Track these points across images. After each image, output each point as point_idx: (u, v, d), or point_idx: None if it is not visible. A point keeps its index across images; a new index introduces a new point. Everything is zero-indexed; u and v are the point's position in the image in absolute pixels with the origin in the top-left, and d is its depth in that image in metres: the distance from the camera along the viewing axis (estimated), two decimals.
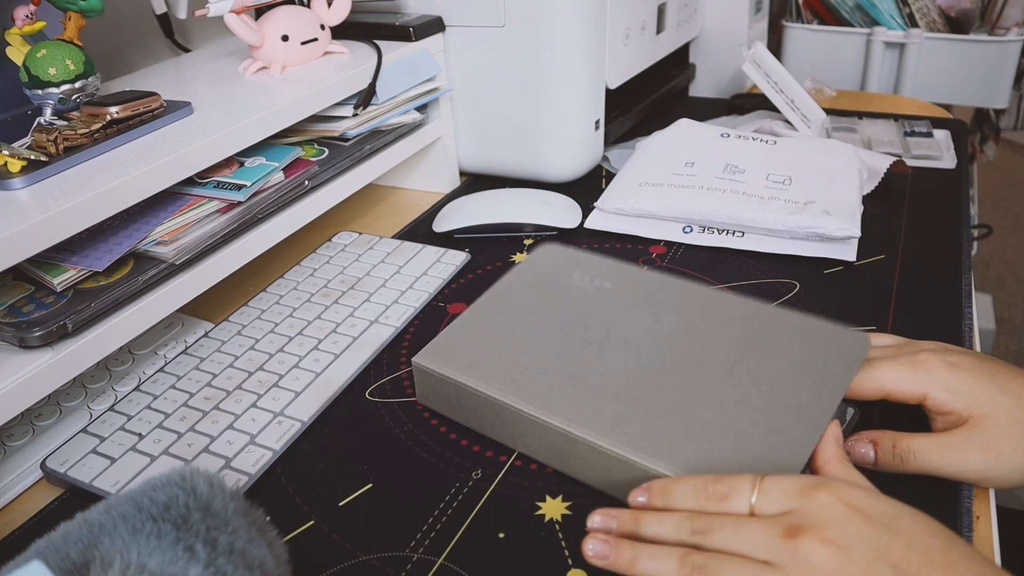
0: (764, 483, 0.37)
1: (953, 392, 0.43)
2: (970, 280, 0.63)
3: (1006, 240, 2.26)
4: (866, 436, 0.44)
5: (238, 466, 0.48)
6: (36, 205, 0.46)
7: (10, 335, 0.46)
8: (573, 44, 0.75)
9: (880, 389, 0.45)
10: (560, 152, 0.80)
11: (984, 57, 1.18)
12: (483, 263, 0.70)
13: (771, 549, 0.34)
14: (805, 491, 0.36)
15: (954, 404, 0.43)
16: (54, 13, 0.55)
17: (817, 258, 0.66)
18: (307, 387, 0.54)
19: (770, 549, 0.34)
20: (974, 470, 0.41)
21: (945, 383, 0.43)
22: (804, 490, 0.36)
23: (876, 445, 0.44)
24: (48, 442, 0.51)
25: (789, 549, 0.34)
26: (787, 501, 0.36)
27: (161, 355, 0.59)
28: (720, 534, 0.36)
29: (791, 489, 0.36)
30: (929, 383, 0.43)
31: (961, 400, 0.42)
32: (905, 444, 0.43)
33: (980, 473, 0.41)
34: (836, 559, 0.33)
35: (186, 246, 0.55)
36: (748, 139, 0.77)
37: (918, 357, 0.45)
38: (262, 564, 0.34)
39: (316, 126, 0.70)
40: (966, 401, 0.42)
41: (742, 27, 1.03)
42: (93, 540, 0.33)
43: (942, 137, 0.89)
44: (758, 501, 0.36)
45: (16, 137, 0.54)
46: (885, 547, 0.33)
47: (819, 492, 0.35)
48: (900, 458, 0.43)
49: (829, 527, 0.34)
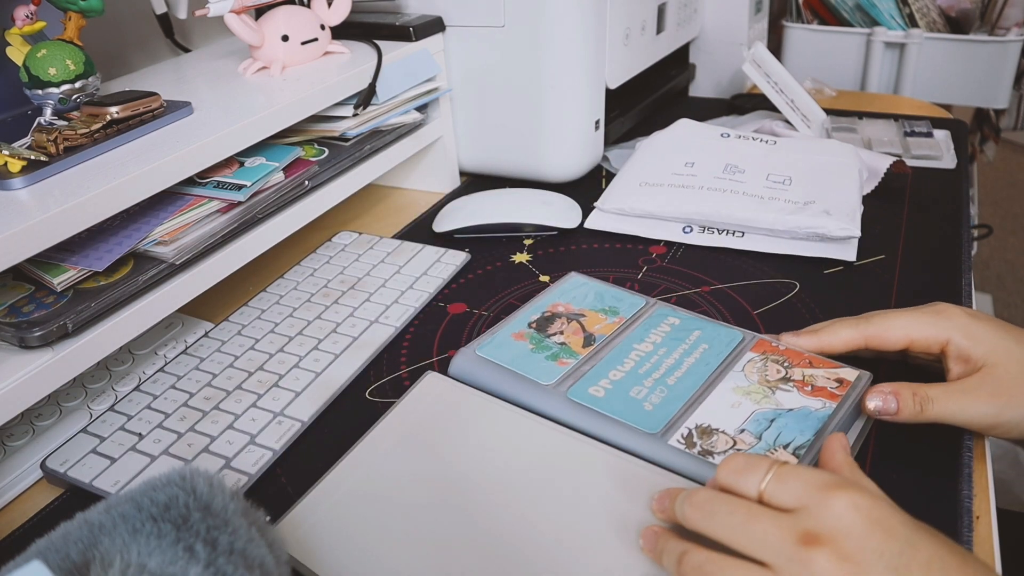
0: (781, 469, 0.35)
1: (973, 339, 0.45)
2: (970, 280, 0.63)
3: (1006, 240, 2.26)
4: (886, 388, 0.45)
5: (238, 466, 0.48)
6: (36, 205, 0.46)
7: (10, 335, 0.46)
8: (573, 44, 0.75)
9: (906, 337, 0.46)
10: (560, 152, 0.80)
11: (984, 57, 1.18)
12: (483, 263, 0.70)
13: (780, 552, 0.32)
14: (824, 489, 0.33)
15: (973, 350, 0.45)
16: (54, 13, 0.55)
17: (817, 258, 0.66)
18: (307, 387, 0.54)
19: (779, 552, 0.33)
20: (984, 415, 0.43)
21: (966, 329, 0.45)
22: (823, 488, 0.34)
23: (898, 396, 0.44)
24: (48, 442, 0.51)
25: (801, 558, 0.32)
26: (802, 495, 0.34)
27: (161, 355, 0.59)
28: (727, 520, 0.34)
29: (809, 483, 0.34)
30: (951, 329, 0.45)
31: (980, 347, 0.44)
32: (923, 392, 0.44)
33: (991, 418, 0.43)
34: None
35: (186, 246, 0.55)
36: (748, 139, 0.77)
37: (937, 307, 0.47)
38: (262, 564, 0.34)
39: (316, 126, 0.70)
40: (984, 348, 0.44)
41: (742, 27, 1.03)
42: (93, 540, 0.33)
43: (942, 137, 0.89)
44: (769, 486, 0.35)
45: (16, 137, 0.54)
46: (905, 566, 0.31)
47: (839, 494, 0.33)
48: (920, 406, 0.44)
49: (847, 539, 0.32)
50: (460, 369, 0.53)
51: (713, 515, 0.35)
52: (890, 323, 0.47)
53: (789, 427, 0.45)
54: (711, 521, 0.35)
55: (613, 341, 0.54)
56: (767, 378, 0.49)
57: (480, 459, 0.46)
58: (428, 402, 0.51)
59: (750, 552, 0.34)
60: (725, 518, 0.35)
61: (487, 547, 0.41)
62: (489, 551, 0.41)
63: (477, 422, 0.49)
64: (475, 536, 0.41)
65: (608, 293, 0.59)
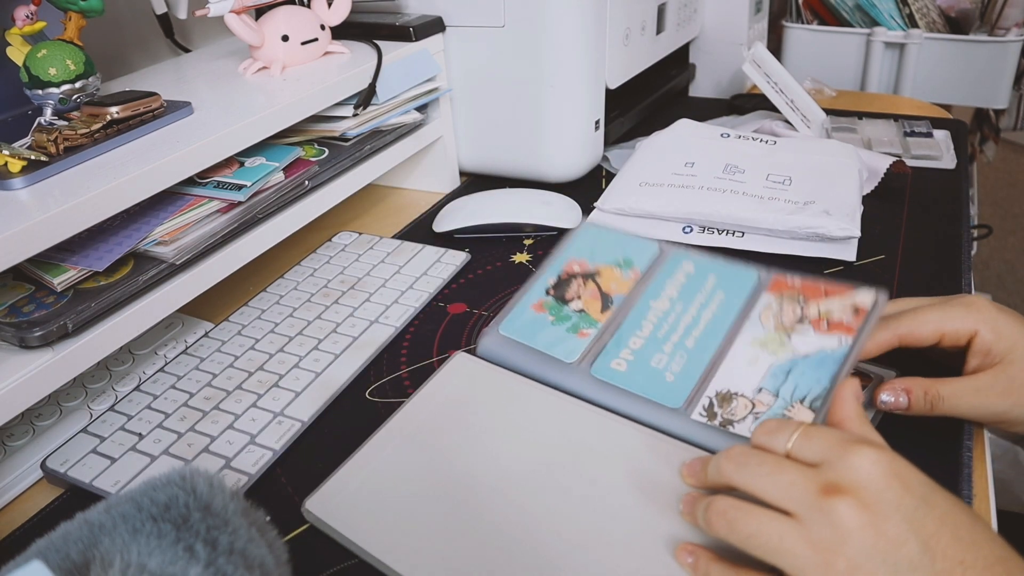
0: (807, 429, 0.37)
1: (998, 334, 0.45)
2: (970, 280, 0.63)
3: (1006, 240, 2.26)
4: (899, 384, 0.46)
5: (238, 466, 0.48)
6: (36, 205, 0.46)
7: (10, 335, 0.46)
8: (573, 44, 0.75)
9: (938, 330, 0.47)
10: (560, 152, 0.80)
11: (984, 57, 1.18)
12: (483, 263, 0.70)
13: (803, 501, 0.34)
14: (845, 445, 0.35)
15: (996, 345, 0.45)
16: (54, 13, 0.55)
17: (817, 258, 0.66)
18: (307, 387, 0.54)
19: (801, 501, 0.34)
20: (994, 413, 0.45)
21: (994, 323, 0.46)
22: (844, 444, 0.35)
23: (910, 393, 0.45)
24: (48, 442, 0.51)
25: (823, 506, 0.33)
26: (825, 451, 0.35)
27: (161, 355, 0.59)
28: (756, 470, 0.36)
29: (832, 440, 0.36)
30: (980, 321, 0.46)
31: (1003, 342, 0.45)
32: (935, 391, 0.45)
33: (999, 415, 0.45)
34: (869, 527, 0.32)
35: (186, 246, 0.55)
36: (748, 139, 0.77)
37: (965, 299, 0.48)
38: (262, 564, 0.34)
39: (316, 126, 0.70)
40: (1006, 344, 0.45)
41: (742, 27, 1.03)
42: (93, 540, 0.33)
43: (942, 137, 0.89)
44: (795, 444, 0.37)
45: (16, 137, 0.54)
46: (920, 520, 0.33)
47: (859, 449, 0.35)
48: (931, 404, 0.45)
49: (867, 490, 0.33)
50: (487, 350, 0.54)
51: (745, 466, 0.37)
52: (921, 319, 0.48)
53: (805, 376, 0.46)
54: (742, 471, 0.37)
55: (631, 301, 0.54)
56: (783, 323, 0.50)
57: (509, 437, 0.47)
58: (457, 382, 0.52)
59: (776, 501, 0.35)
60: (755, 468, 0.36)
61: (518, 523, 0.42)
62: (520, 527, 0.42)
63: (504, 402, 0.50)
64: (506, 512, 0.42)
65: (622, 241, 0.59)
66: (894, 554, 0.32)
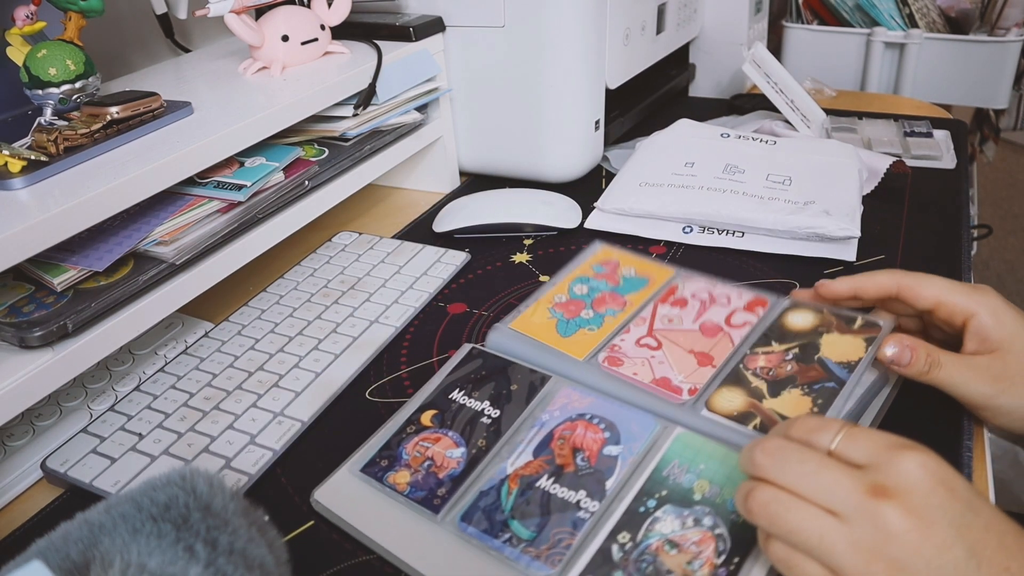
0: (851, 430, 0.36)
1: (998, 321, 0.46)
2: (970, 280, 0.63)
3: (1006, 240, 2.26)
4: (907, 340, 0.46)
5: (238, 466, 0.48)
6: (36, 205, 0.46)
7: (10, 335, 0.46)
8: (573, 44, 0.75)
9: (936, 297, 0.47)
10: (560, 152, 0.80)
11: (984, 57, 1.18)
12: (483, 263, 0.70)
13: (848, 502, 0.33)
14: (891, 448, 0.35)
15: (994, 332, 0.45)
16: (54, 13, 0.55)
17: (817, 258, 0.66)
18: (307, 387, 0.54)
19: (847, 501, 0.33)
20: (982, 394, 0.45)
21: (995, 310, 0.46)
22: (891, 448, 0.35)
23: (913, 351, 0.46)
24: (48, 442, 0.51)
25: (869, 508, 0.33)
26: (871, 454, 0.35)
27: (161, 355, 0.59)
28: (798, 467, 0.35)
29: (878, 443, 0.35)
30: (981, 305, 0.46)
31: (1002, 330, 0.45)
32: (936, 356, 0.46)
33: (986, 399, 0.45)
34: (915, 532, 0.32)
35: (186, 246, 0.55)
36: (748, 139, 0.77)
37: (975, 284, 0.48)
38: (262, 564, 0.34)
39: (316, 126, 0.70)
40: (1005, 333, 0.45)
41: (742, 27, 1.03)
42: (93, 540, 0.33)
43: (942, 137, 0.89)
44: (840, 444, 0.36)
45: (16, 137, 0.54)
46: (966, 526, 0.33)
47: (907, 454, 0.34)
48: (928, 366, 0.45)
49: (914, 495, 0.33)
50: (497, 344, 0.54)
51: (785, 462, 0.36)
52: (926, 280, 0.48)
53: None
54: (782, 468, 0.36)
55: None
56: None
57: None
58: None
59: (819, 500, 0.34)
60: (796, 466, 0.35)
61: None
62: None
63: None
64: None
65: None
66: (939, 559, 0.32)
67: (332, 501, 0.45)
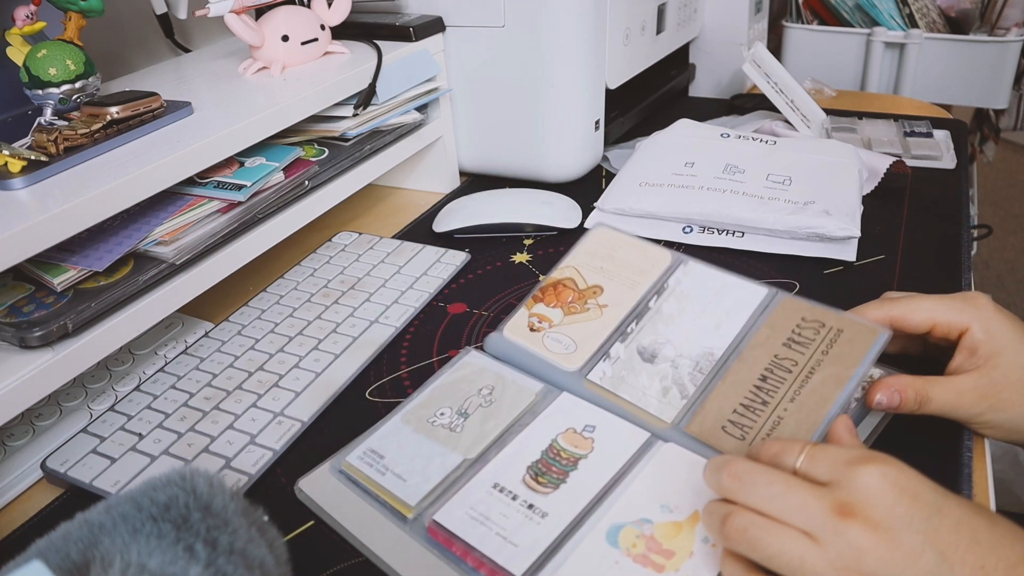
0: (813, 449, 0.37)
1: (990, 335, 0.45)
2: (970, 280, 0.63)
3: (1006, 240, 2.26)
4: (893, 385, 0.46)
5: (238, 466, 0.48)
6: (36, 205, 0.46)
7: (10, 335, 0.46)
8: (573, 44, 0.75)
9: (930, 320, 0.47)
10: (560, 152, 0.80)
11: (984, 57, 1.18)
12: (483, 263, 0.70)
13: (816, 522, 0.34)
14: (851, 464, 0.35)
15: (984, 346, 0.45)
16: (54, 13, 0.55)
17: (817, 258, 0.66)
18: (307, 387, 0.54)
19: (815, 521, 0.34)
20: (970, 414, 0.45)
21: (987, 323, 0.46)
22: (850, 463, 0.35)
23: (902, 393, 0.46)
24: (48, 442, 0.51)
25: (837, 528, 0.33)
26: (834, 470, 0.35)
27: (161, 355, 0.59)
28: (766, 490, 0.35)
29: (839, 459, 0.36)
30: (975, 318, 0.46)
31: (992, 344, 0.45)
32: (925, 393, 0.46)
33: (974, 416, 0.45)
34: (882, 545, 0.32)
35: (186, 246, 0.55)
36: (748, 139, 0.77)
37: (967, 295, 0.48)
38: (262, 564, 0.34)
39: (316, 126, 0.70)
40: (995, 347, 0.45)
41: (742, 27, 1.03)
42: (93, 540, 0.33)
43: (942, 137, 0.89)
44: (803, 464, 0.36)
45: (16, 137, 0.54)
46: (933, 529, 0.33)
47: (867, 466, 0.34)
48: (919, 404, 0.45)
49: (877, 508, 0.33)
50: (494, 348, 0.54)
51: (753, 485, 0.36)
52: (916, 305, 0.48)
53: None
54: (750, 491, 0.36)
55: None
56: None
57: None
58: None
59: (789, 521, 0.35)
60: (764, 488, 0.36)
61: None
62: None
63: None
64: None
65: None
66: (911, 568, 0.32)
67: (314, 491, 0.46)
